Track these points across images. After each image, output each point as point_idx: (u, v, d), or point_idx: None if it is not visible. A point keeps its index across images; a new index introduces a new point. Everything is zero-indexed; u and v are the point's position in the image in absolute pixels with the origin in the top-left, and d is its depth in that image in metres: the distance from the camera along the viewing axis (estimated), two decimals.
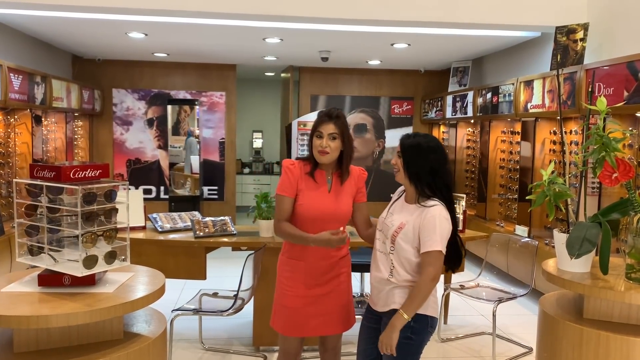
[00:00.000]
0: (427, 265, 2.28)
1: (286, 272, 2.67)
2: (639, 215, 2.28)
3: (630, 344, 2.16)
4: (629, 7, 4.65)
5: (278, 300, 2.71)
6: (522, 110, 5.56)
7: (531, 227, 5.36)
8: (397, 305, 2.37)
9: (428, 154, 2.35)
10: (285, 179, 2.58)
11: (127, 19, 5.32)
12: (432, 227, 2.27)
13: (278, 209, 2.60)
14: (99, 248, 2.13)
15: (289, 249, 2.67)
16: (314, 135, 2.56)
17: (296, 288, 2.64)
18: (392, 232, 2.37)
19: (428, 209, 2.31)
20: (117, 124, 8.25)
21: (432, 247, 2.26)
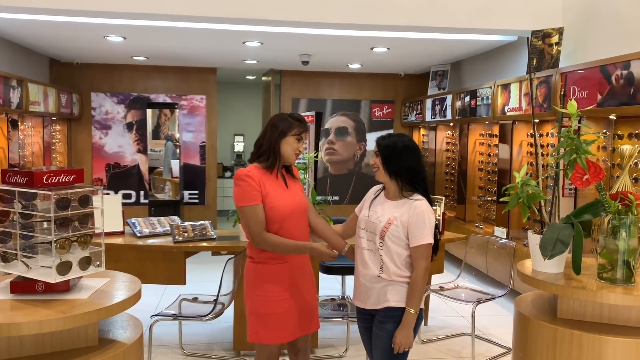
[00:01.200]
0: (419, 258, 2.40)
1: (269, 278, 2.59)
2: (609, 216, 2.33)
3: (602, 343, 2.20)
4: (602, 12, 4.74)
5: (260, 311, 2.59)
6: (499, 113, 5.64)
7: (509, 229, 5.43)
8: (391, 303, 2.44)
9: (404, 152, 2.48)
10: (248, 188, 2.51)
11: (105, 23, 5.27)
12: (421, 221, 2.39)
13: (254, 220, 2.50)
14: (73, 254, 2.10)
15: (269, 254, 2.58)
16: (293, 136, 2.59)
17: (282, 292, 2.60)
18: (380, 229, 2.45)
19: (415, 203, 2.43)
20: (95, 128, 8.16)
21: (422, 240, 2.39)
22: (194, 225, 4.15)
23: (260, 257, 2.60)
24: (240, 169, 2.61)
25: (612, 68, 3.96)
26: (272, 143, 2.59)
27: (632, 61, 3.77)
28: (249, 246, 2.66)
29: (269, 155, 2.59)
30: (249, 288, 2.64)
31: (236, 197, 2.55)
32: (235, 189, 2.56)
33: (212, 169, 8.48)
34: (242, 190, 2.52)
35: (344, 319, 3.87)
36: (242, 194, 2.52)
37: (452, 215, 6.92)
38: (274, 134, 2.59)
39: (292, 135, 2.59)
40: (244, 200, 2.51)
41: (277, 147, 2.58)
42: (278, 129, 2.59)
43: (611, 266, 2.34)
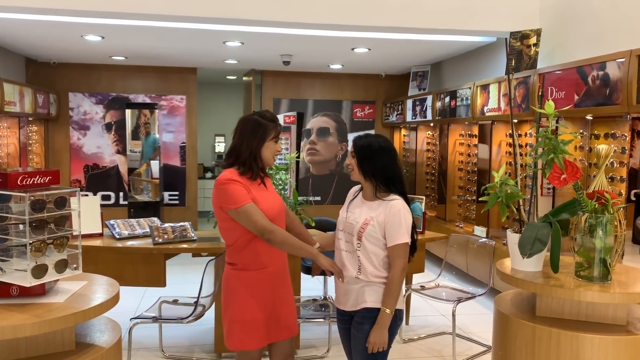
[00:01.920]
0: (396, 257, 2.40)
1: (252, 285, 2.52)
2: (586, 214, 2.36)
3: (580, 340, 2.23)
4: (579, 14, 4.81)
5: (243, 318, 2.52)
6: (479, 113, 5.69)
7: (489, 228, 5.48)
8: (368, 303, 2.44)
9: (380, 152, 2.48)
10: (240, 188, 2.43)
11: (83, 22, 5.20)
12: (397, 221, 2.39)
13: (258, 214, 2.40)
14: (49, 257, 2.06)
15: (252, 260, 2.51)
16: (272, 140, 2.53)
17: (264, 297, 2.54)
18: (357, 229, 2.45)
19: (390, 203, 2.43)
20: (73, 128, 8.04)
21: (399, 240, 2.38)
22: (174, 227, 4.12)
23: (242, 264, 2.53)
24: (223, 175, 2.49)
25: (589, 69, 4.02)
26: (253, 152, 2.49)
27: (607, 62, 3.83)
28: (229, 253, 2.57)
29: (250, 165, 2.49)
30: (231, 295, 2.55)
31: (226, 200, 2.42)
32: (223, 193, 2.44)
33: (192, 169, 8.41)
34: (231, 192, 2.41)
35: (326, 319, 3.87)
36: (232, 195, 2.41)
37: (433, 215, 6.97)
38: (253, 142, 2.49)
39: (270, 139, 2.52)
40: (237, 201, 2.40)
41: (259, 155, 2.50)
42: (256, 136, 2.49)
43: (588, 264, 2.37)
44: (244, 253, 2.51)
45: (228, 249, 2.58)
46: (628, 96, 3.59)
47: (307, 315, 4.17)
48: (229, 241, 2.56)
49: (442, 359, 4.11)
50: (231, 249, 2.55)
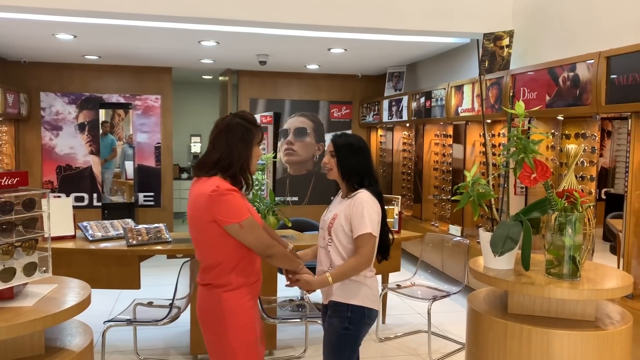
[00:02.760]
0: (360, 247, 2.42)
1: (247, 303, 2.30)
2: (556, 213, 2.41)
3: (550, 336, 2.27)
4: (550, 16, 4.90)
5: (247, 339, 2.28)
6: (453, 114, 5.76)
7: (464, 227, 5.55)
8: (334, 297, 2.48)
9: (359, 152, 2.53)
10: (242, 201, 2.21)
11: (54, 20, 5.10)
12: (360, 211, 2.41)
13: (261, 234, 2.22)
14: (17, 260, 2.02)
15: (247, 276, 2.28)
16: (257, 146, 2.30)
17: (257, 311, 2.38)
18: (327, 224, 2.51)
19: (355, 197, 2.46)
20: (45, 129, 7.89)
21: (363, 230, 2.40)
22: (149, 229, 4.07)
23: (236, 283, 2.25)
24: (218, 184, 2.17)
25: (560, 70, 4.10)
26: (245, 162, 2.24)
27: (577, 63, 3.91)
28: (217, 274, 2.24)
29: (239, 178, 2.24)
30: (230, 320, 2.24)
31: (226, 213, 2.14)
32: (223, 205, 2.14)
33: (167, 170, 8.33)
34: (234, 204, 2.16)
35: (303, 319, 3.87)
36: (236, 209, 2.16)
37: (409, 214, 7.03)
38: (243, 152, 2.23)
39: (256, 145, 2.29)
40: (241, 215, 2.16)
41: (249, 165, 2.27)
42: (245, 144, 2.23)
43: (558, 262, 2.42)
44: (237, 270, 2.25)
45: (214, 269, 2.25)
46: (597, 97, 3.67)
47: (284, 315, 4.16)
48: (215, 259, 2.24)
49: (418, 357, 4.15)
50: (220, 268, 2.23)
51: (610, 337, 2.30)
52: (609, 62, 3.60)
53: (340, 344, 2.47)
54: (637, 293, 3.42)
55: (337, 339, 2.47)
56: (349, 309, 2.45)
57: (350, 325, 2.45)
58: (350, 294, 2.46)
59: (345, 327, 2.45)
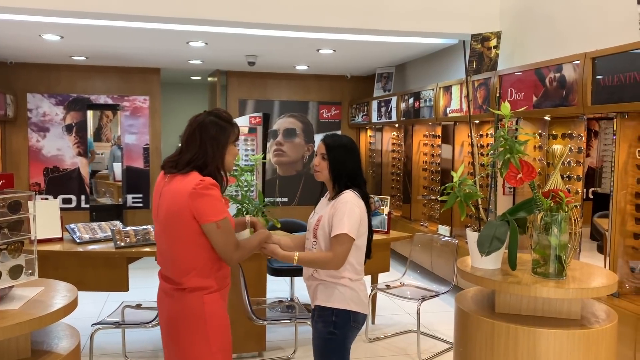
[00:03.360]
0: (334, 245, 2.35)
1: (224, 304, 2.26)
2: (542, 213, 2.43)
3: (536, 335, 2.29)
4: (537, 17, 4.95)
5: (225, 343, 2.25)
6: (441, 114, 5.79)
7: (452, 227, 5.58)
8: (318, 301, 2.45)
9: (350, 154, 2.49)
10: (220, 197, 2.15)
11: (41, 21, 5.06)
12: (341, 212, 2.37)
13: (230, 233, 2.15)
14: (3, 262, 2.00)
15: (222, 279, 2.24)
16: (233, 144, 2.26)
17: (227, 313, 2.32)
18: (313, 226, 2.48)
19: (339, 197, 2.43)
20: (32, 130, 7.82)
21: (339, 230, 2.33)
22: (137, 230, 4.05)
23: (217, 284, 2.20)
24: (202, 178, 2.12)
25: (546, 71, 4.14)
26: (218, 163, 2.19)
27: (564, 64, 3.95)
28: (196, 276, 2.16)
29: (215, 176, 2.18)
30: (211, 323, 2.17)
31: (207, 211, 2.09)
32: (205, 201, 2.09)
33: (156, 172, 8.27)
34: (215, 201, 2.10)
35: (292, 320, 3.87)
36: (216, 206, 2.10)
37: (398, 215, 7.05)
38: (217, 151, 2.18)
39: (231, 143, 2.24)
40: (219, 213, 2.10)
41: (223, 164, 2.22)
42: (219, 143, 2.18)
43: (544, 261, 2.44)
44: (214, 270, 2.19)
45: (191, 272, 2.15)
46: (583, 97, 3.71)
47: (274, 316, 4.16)
48: (192, 261, 2.15)
49: (408, 356, 4.16)
50: (197, 270, 2.16)
51: (595, 335, 2.33)
52: (594, 63, 3.64)
53: (327, 349, 2.43)
54: (622, 292, 3.46)
55: (323, 344, 2.44)
56: (333, 313, 2.41)
57: (335, 330, 2.40)
58: (335, 298, 2.41)
59: (330, 332, 2.41)
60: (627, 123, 3.46)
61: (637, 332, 3.19)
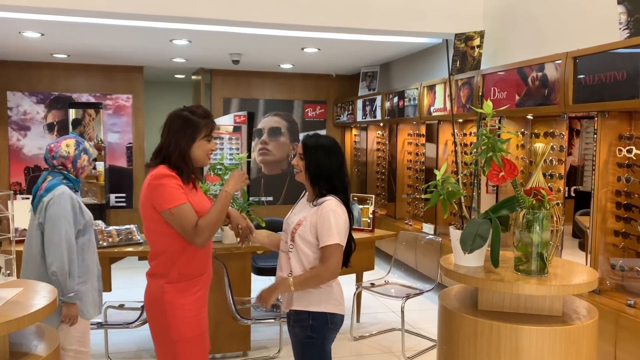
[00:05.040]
0: (327, 258, 2.34)
1: (193, 296, 2.31)
2: (524, 210, 2.44)
3: (519, 332, 2.31)
4: (519, 17, 4.99)
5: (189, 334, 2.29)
6: (425, 113, 5.81)
7: (437, 225, 5.60)
8: (294, 306, 2.41)
9: (329, 155, 2.43)
10: (174, 187, 2.21)
11: (20, 17, 4.99)
12: (327, 221, 2.33)
13: (186, 218, 2.19)
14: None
15: (190, 268, 2.29)
16: (203, 139, 2.31)
17: (202, 308, 2.38)
18: (291, 229, 2.42)
19: (322, 204, 2.38)
20: (12, 129, 7.71)
21: (330, 240, 2.32)
22: (119, 230, 4.01)
23: (178, 274, 2.28)
24: (157, 172, 2.25)
25: (529, 70, 4.17)
26: (182, 152, 2.26)
27: (546, 64, 3.98)
28: (160, 263, 2.29)
29: (181, 168, 2.27)
30: (171, 312, 2.25)
31: (160, 199, 2.19)
32: (158, 190, 2.21)
33: (139, 170, 8.21)
34: (167, 190, 2.19)
35: (277, 320, 3.86)
36: (168, 194, 2.19)
37: (383, 213, 7.07)
38: (181, 141, 2.27)
39: (202, 138, 2.31)
40: (172, 201, 2.18)
41: (188, 155, 2.29)
42: (185, 135, 2.27)
43: (526, 259, 2.45)
44: (181, 261, 2.28)
45: (158, 258, 2.30)
46: (565, 96, 3.75)
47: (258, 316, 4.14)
48: (159, 248, 2.30)
49: (392, 354, 4.18)
50: (163, 257, 2.28)
51: (577, 331, 2.35)
52: (575, 63, 3.68)
53: (307, 354, 2.40)
54: (603, 288, 3.50)
55: (302, 349, 2.41)
56: (310, 317, 2.37)
57: (312, 334, 2.37)
58: (311, 300, 2.38)
59: (308, 336, 2.38)
60: (608, 122, 3.50)
61: (617, 327, 3.23)
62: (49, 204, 2.68)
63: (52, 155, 2.84)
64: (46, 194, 2.72)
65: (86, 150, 2.90)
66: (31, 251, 2.73)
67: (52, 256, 2.62)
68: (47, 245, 2.65)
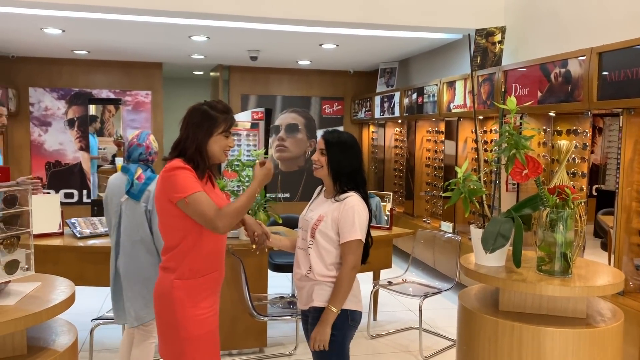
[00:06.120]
0: (347, 254, 2.33)
1: (203, 293, 2.26)
2: (547, 209, 2.39)
3: (541, 333, 2.26)
4: (541, 12, 4.89)
5: (197, 332, 2.24)
6: (445, 110, 5.73)
7: (455, 223, 5.54)
8: (316, 302, 2.39)
9: (351, 151, 2.42)
10: (188, 177, 2.17)
11: (41, 14, 5.03)
12: (350, 217, 2.32)
13: (207, 204, 2.13)
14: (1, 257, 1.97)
15: (202, 266, 2.26)
16: (221, 134, 2.26)
17: (213, 306, 2.32)
18: (311, 225, 2.39)
19: (345, 200, 2.36)
20: (34, 124, 7.80)
21: (351, 236, 2.31)
22: None
23: (188, 270, 2.23)
24: (170, 162, 2.23)
25: (551, 66, 4.09)
26: (198, 146, 2.23)
27: (569, 59, 3.90)
28: (170, 257, 2.25)
29: (197, 162, 2.23)
30: (180, 309, 2.21)
31: (174, 189, 2.14)
32: (170, 181, 2.16)
33: (158, 166, 8.18)
34: (181, 179, 2.15)
35: (293, 316, 3.83)
36: (182, 183, 2.14)
37: (401, 211, 7.01)
38: (198, 135, 2.23)
39: (220, 133, 2.26)
40: (187, 189, 2.13)
41: (205, 150, 2.24)
42: (202, 129, 2.23)
43: (549, 259, 2.40)
44: (190, 257, 2.23)
45: (170, 252, 2.25)
46: (589, 93, 3.66)
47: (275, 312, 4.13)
48: (171, 242, 2.25)
49: (409, 354, 4.13)
50: (174, 252, 2.23)
51: (601, 334, 2.29)
52: (600, 58, 3.59)
53: (327, 351, 2.36)
54: (627, 289, 3.42)
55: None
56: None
57: (333, 331, 2.33)
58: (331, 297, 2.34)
59: (329, 334, 2.34)
60: (633, 119, 3.41)
61: None
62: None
63: (148, 152, 3.26)
64: (150, 182, 3.07)
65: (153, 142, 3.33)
66: (138, 237, 3.00)
67: None
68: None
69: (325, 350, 2.35)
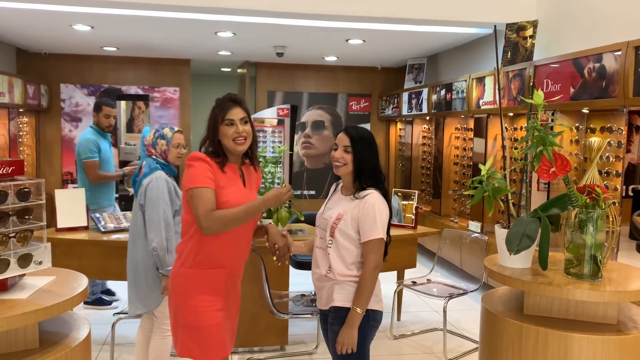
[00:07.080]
0: (368, 253, 2.28)
1: (204, 286, 2.26)
2: (577, 209, 2.27)
3: (568, 339, 2.15)
4: (575, 6, 4.71)
5: (192, 324, 2.25)
6: (474, 106, 5.59)
7: (484, 223, 5.40)
8: (336, 302, 2.33)
9: (374, 146, 2.39)
10: (202, 170, 2.19)
11: (71, 10, 5.10)
12: (371, 215, 2.26)
13: (202, 201, 2.14)
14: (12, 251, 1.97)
15: (205, 258, 2.25)
16: (222, 124, 2.26)
17: (216, 302, 2.28)
18: (330, 224, 2.34)
19: (365, 198, 2.30)
20: (65, 120, 7.95)
21: (373, 235, 2.26)
22: None
23: (194, 261, 2.25)
24: (194, 152, 2.29)
25: (585, 61, 3.93)
26: (213, 140, 2.29)
27: (604, 54, 3.74)
28: (180, 244, 2.33)
29: (217, 153, 2.29)
30: (179, 297, 2.27)
31: (187, 178, 2.20)
32: (187, 170, 2.22)
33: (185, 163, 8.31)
34: (194, 171, 2.19)
35: (314, 315, 3.78)
36: (193, 174, 2.19)
37: (428, 210, 6.89)
38: (209, 129, 2.30)
39: (221, 124, 2.26)
40: (193, 182, 2.17)
41: (216, 142, 2.28)
42: (210, 123, 2.31)
43: (578, 261, 2.29)
44: (195, 246, 2.25)
45: (182, 237, 2.33)
46: (625, 89, 3.50)
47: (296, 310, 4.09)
48: (184, 228, 2.32)
49: (433, 355, 4.04)
50: (185, 238, 2.31)
51: (633, 341, 2.17)
52: (637, 53, 3.43)
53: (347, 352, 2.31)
54: None
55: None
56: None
57: None
58: (352, 296, 2.29)
59: None
60: None
61: None
62: (148, 187, 2.97)
63: (145, 144, 3.24)
64: (145, 177, 3.03)
65: (163, 135, 3.20)
66: (137, 229, 3.06)
67: (152, 234, 2.91)
68: (148, 223, 2.94)
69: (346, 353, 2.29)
